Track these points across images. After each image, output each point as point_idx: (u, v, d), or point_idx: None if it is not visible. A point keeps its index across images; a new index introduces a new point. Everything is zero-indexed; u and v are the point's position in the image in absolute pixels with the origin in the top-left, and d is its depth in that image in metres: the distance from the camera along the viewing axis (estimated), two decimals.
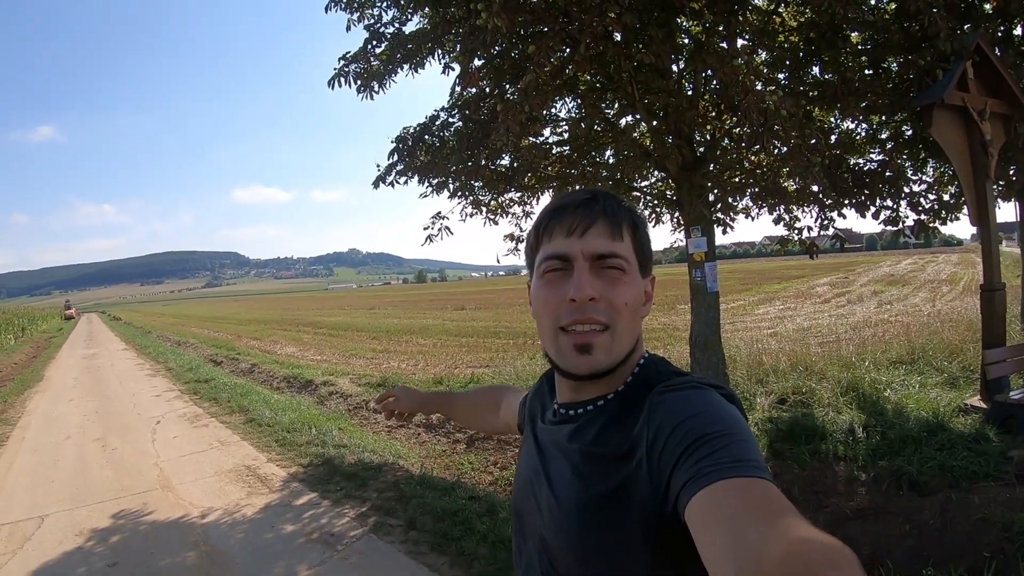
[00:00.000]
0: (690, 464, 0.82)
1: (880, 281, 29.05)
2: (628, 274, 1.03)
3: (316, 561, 4.72)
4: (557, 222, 1.05)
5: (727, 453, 0.81)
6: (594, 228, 1.02)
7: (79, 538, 5.47)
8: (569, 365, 1.02)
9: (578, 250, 1.01)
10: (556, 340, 1.03)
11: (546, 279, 1.04)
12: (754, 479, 0.78)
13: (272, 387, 13.03)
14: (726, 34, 5.04)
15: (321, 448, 7.69)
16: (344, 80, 6.06)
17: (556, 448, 1.09)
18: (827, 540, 0.65)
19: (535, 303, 1.07)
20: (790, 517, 0.70)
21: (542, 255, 1.06)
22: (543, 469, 1.09)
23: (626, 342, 1.03)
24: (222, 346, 22.08)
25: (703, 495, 0.77)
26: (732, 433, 0.85)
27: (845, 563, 0.62)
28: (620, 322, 1.01)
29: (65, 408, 12.22)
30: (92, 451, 8.53)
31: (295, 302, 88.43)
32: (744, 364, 8.12)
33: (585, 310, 0.99)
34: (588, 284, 0.99)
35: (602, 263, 1.02)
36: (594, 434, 1.03)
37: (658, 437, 0.90)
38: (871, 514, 4.42)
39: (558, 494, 1.02)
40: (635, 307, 1.04)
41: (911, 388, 6.54)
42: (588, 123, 6.19)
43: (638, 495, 0.90)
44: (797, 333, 11.71)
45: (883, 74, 5.84)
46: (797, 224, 7.34)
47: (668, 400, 0.94)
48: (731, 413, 0.91)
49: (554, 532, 1.01)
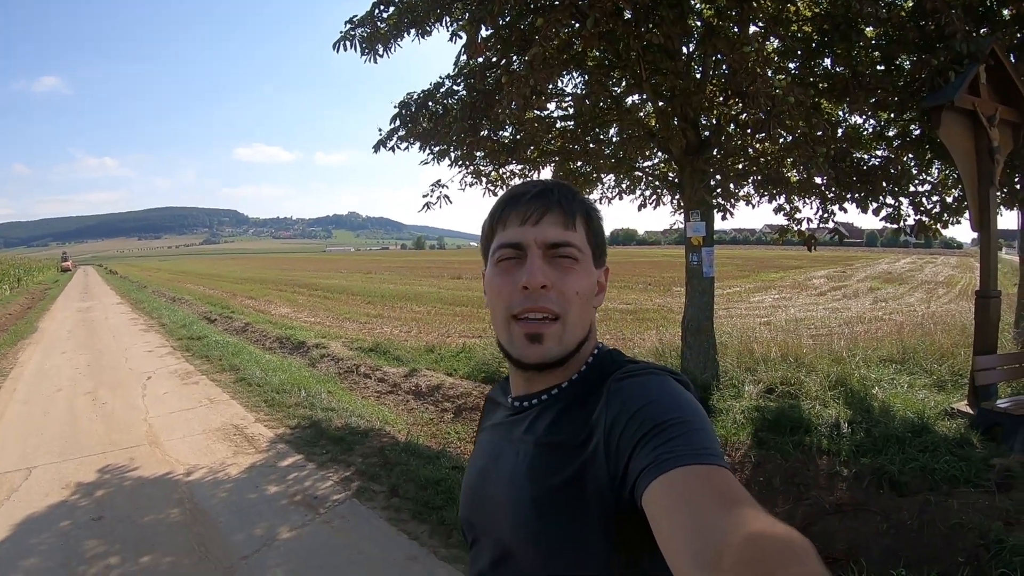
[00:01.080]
0: (648, 450, 0.82)
1: (877, 278, 29.11)
2: (581, 263, 1.04)
3: (298, 523, 4.75)
4: (512, 211, 1.05)
5: (685, 440, 0.81)
6: (548, 217, 1.03)
7: (65, 491, 5.49)
8: (520, 354, 1.02)
9: (531, 238, 1.02)
10: (508, 328, 1.03)
11: (500, 267, 1.05)
12: (712, 467, 0.78)
13: (264, 347, 13.07)
14: (739, 19, 4.99)
15: (309, 411, 7.72)
16: (350, 43, 6.01)
17: (509, 442, 1.08)
18: (785, 531, 0.65)
19: (488, 291, 1.07)
20: (748, 507, 0.71)
21: (496, 243, 1.06)
22: (496, 467, 1.08)
23: (578, 331, 1.03)
24: (217, 304, 22.13)
25: (661, 482, 0.77)
26: (690, 421, 0.85)
27: (804, 554, 0.62)
28: (571, 311, 1.01)
29: (58, 360, 12.23)
30: (82, 404, 8.56)
31: (292, 263, 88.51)
32: (735, 351, 8.13)
33: (537, 299, 1.00)
34: (541, 272, 0.99)
35: (555, 252, 1.02)
36: (548, 423, 1.02)
37: (615, 423, 0.90)
38: (850, 510, 4.45)
39: (513, 488, 1.00)
40: (587, 297, 1.04)
41: (899, 387, 6.55)
42: (593, 99, 6.16)
43: (594, 483, 0.90)
44: (790, 324, 11.73)
45: (895, 71, 5.79)
46: (797, 215, 7.32)
47: (625, 387, 0.95)
48: (688, 400, 0.91)
49: (511, 529, 0.99)
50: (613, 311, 16.70)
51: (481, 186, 8.21)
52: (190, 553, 4.33)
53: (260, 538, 4.52)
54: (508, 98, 4.81)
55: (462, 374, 9.18)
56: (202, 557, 4.28)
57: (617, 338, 11.95)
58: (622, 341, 11.29)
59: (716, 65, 5.74)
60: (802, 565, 0.61)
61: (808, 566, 0.61)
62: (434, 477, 5.31)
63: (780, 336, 9.05)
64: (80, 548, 4.45)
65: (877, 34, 5.69)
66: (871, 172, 6.55)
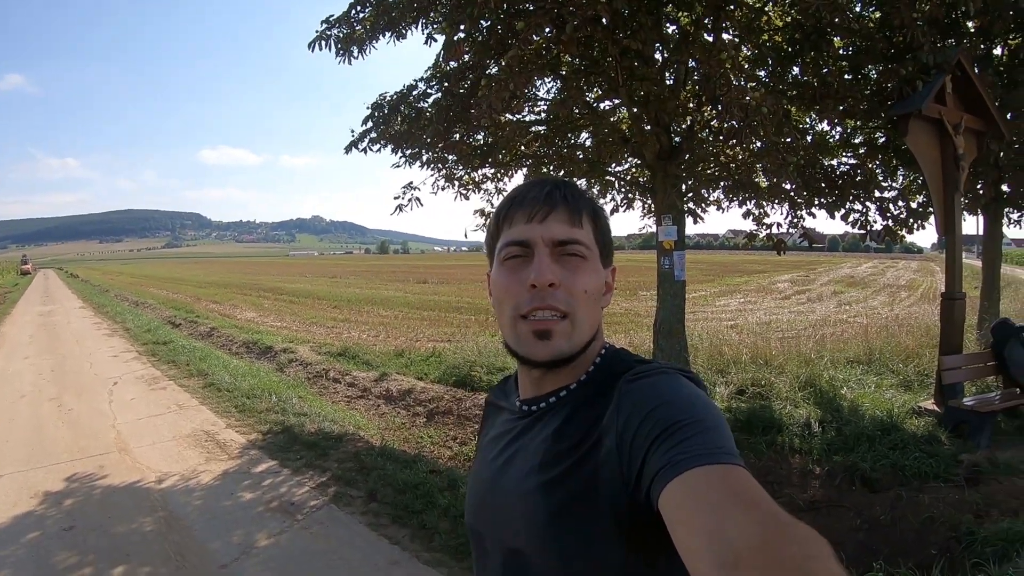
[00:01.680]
0: (663, 452, 0.81)
1: (840, 282, 29.59)
2: (588, 261, 1.03)
3: (276, 530, 4.70)
4: (518, 209, 1.05)
5: (700, 440, 0.81)
6: (555, 214, 1.02)
7: (33, 500, 5.35)
8: (528, 352, 1.01)
9: (538, 236, 1.01)
10: (515, 327, 1.02)
11: (506, 266, 1.04)
12: (729, 466, 0.77)
13: (231, 352, 12.92)
14: (713, 27, 5.07)
15: (281, 416, 7.64)
16: (325, 43, 5.98)
17: (519, 448, 1.07)
18: (806, 531, 0.66)
19: (495, 290, 1.06)
20: (766, 507, 0.70)
21: (503, 241, 1.05)
22: (506, 474, 1.06)
23: (586, 330, 1.02)
24: (181, 308, 21.78)
25: (677, 483, 0.77)
26: (704, 420, 0.84)
27: (822, 554, 0.63)
28: (579, 309, 1.00)
29: (20, 366, 11.96)
30: (48, 411, 8.37)
31: (256, 267, 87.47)
32: (706, 353, 8.23)
33: (544, 297, 0.99)
34: (548, 269, 0.99)
35: (562, 249, 1.01)
36: (558, 427, 1.01)
37: (629, 425, 0.89)
38: (824, 507, 4.55)
39: (526, 495, 0.98)
40: (595, 295, 1.04)
41: (867, 387, 6.70)
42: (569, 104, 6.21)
43: (609, 486, 0.89)
44: (758, 327, 11.89)
45: (863, 80, 5.92)
46: (766, 220, 7.44)
47: (637, 388, 0.93)
48: (702, 399, 0.90)
49: (525, 535, 0.97)
50: None
51: (453, 189, 8.22)
52: (167, 562, 4.25)
53: (238, 546, 4.46)
54: (487, 102, 4.82)
55: (433, 378, 9.17)
56: (180, 566, 4.20)
57: None
58: None
59: (690, 72, 5.81)
60: (821, 566, 0.61)
61: (827, 567, 0.61)
62: (412, 481, 5.28)
63: (749, 339, 9.19)
64: (52, 560, 4.34)
65: (846, 44, 5.81)
66: (839, 178, 6.69)
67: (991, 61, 7.14)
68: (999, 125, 6.15)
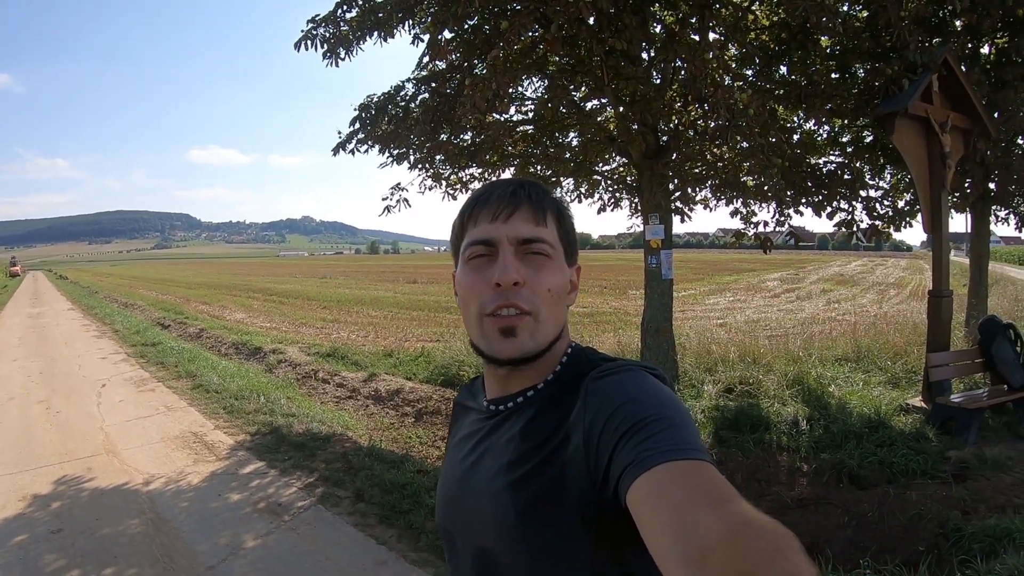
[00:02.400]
0: (630, 448, 0.82)
1: (830, 280, 29.69)
2: (553, 260, 1.04)
3: (263, 531, 4.69)
4: (482, 208, 1.05)
5: (668, 436, 0.81)
6: (519, 213, 1.02)
7: (21, 503, 5.34)
8: (494, 349, 1.01)
9: (503, 234, 1.01)
10: (481, 326, 1.02)
11: (471, 265, 1.04)
12: (696, 462, 0.77)
13: (220, 353, 12.88)
14: (699, 26, 5.07)
15: (269, 416, 7.62)
16: (311, 43, 5.96)
17: (487, 447, 1.07)
18: (772, 525, 0.66)
19: (460, 290, 1.06)
20: (734, 501, 0.70)
21: (467, 241, 1.06)
22: (474, 474, 1.06)
23: (551, 328, 1.03)
24: (170, 309, 21.72)
25: (645, 479, 0.77)
26: (670, 417, 0.85)
27: (790, 549, 0.62)
28: (544, 308, 1.01)
29: (8, 368, 11.90)
30: (36, 413, 8.33)
31: (246, 267, 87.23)
32: (694, 352, 8.25)
33: (509, 295, 0.99)
34: (513, 268, 0.99)
35: (527, 248, 1.02)
36: (525, 426, 1.01)
37: (595, 422, 0.89)
38: (812, 504, 4.56)
39: (494, 494, 0.99)
40: (560, 294, 1.04)
41: (855, 385, 6.72)
42: (555, 104, 6.20)
43: (576, 483, 0.90)
44: (746, 325, 11.94)
45: (849, 79, 5.94)
46: (754, 218, 7.45)
47: (604, 385, 0.94)
48: (668, 396, 0.91)
49: (494, 534, 0.98)
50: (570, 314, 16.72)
51: (441, 189, 8.21)
52: (154, 564, 4.24)
53: (226, 547, 4.44)
54: (470, 101, 4.81)
55: (421, 378, 9.17)
56: (167, 568, 4.19)
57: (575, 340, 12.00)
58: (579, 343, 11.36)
59: (676, 71, 5.82)
60: (788, 561, 0.61)
61: (794, 562, 0.61)
62: (399, 481, 5.28)
63: (737, 337, 9.21)
64: (39, 563, 4.32)
65: (832, 43, 5.83)
66: (826, 177, 6.70)
67: (978, 60, 7.16)
68: (986, 123, 6.19)
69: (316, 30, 5.96)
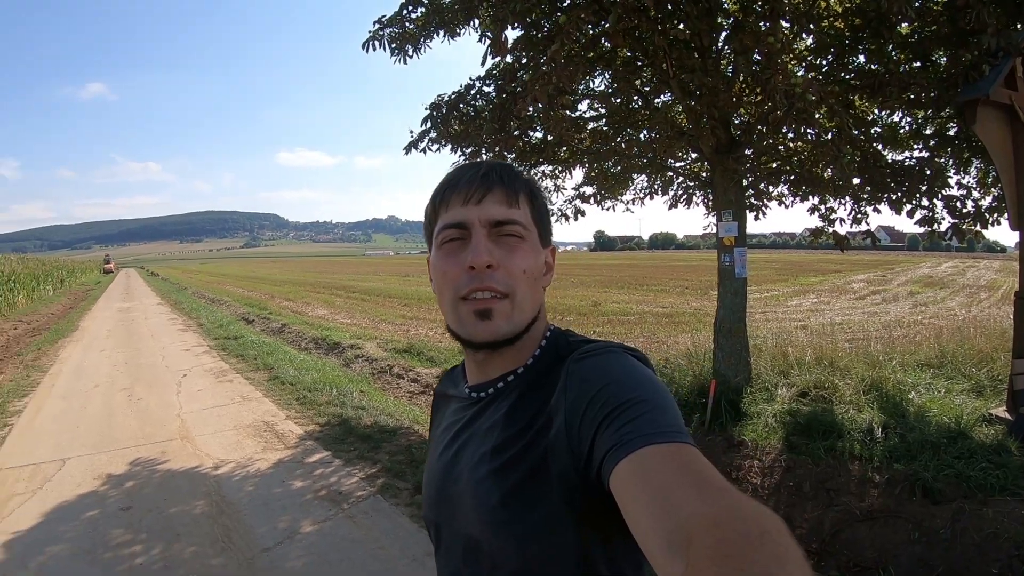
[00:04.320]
0: (612, 431, 0.81)
1: (918, 282, 28.48)
2: (527, 241, 1.03)
3: (321, 517, 4.81)
4: (454, 191, 1.04)
5: (650, 419, 0.80)
6: (491, 195, 1.02)
7: (96, 482, 5.65)
8: (470, 333, 1.01)
9: (475, 217, 1.01)
10: (456, 310, 1.01)
11: (444, 249, 1.04)
12: (680, 444, 0.77)
13: (300, 347, 13.24)
14: (767, 14, 4.89)
15: (340, 409, 7.81)
16: (379, 43, 6.04)
17: (469, 435, 1.07)
18: (758, 509, 0.64)
19: (434, 275, 1.06)
20: (717, 485, 0.70)
21: (440, 225, 1.05)
22: (457, 463, 1.06)
23: (527, 310, 1.02)
24: (255, 305, 22.44)
25: (628, 462, 0.76)
26: (653, 399, 0.84)
27: (777, 532, 0.60)
28: (519, 290, 1.00)
29: (96, 358, 12.54)
30: (118, 400, 8.76)
31: (331, 266, 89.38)
32: (769, 354, 8.00)
33: (483, 278, 0.98)
34: (486, 250, 0.98)
35: (500, 230, 1.01)
36: (507, 411, 1.01)
37: (577, 404, 0.89)
38: (881, 517, 4.35)
39: (477, 482, 0.99)
40: (535, 275, 1.04)
41: (936, 392, 6.39)
42: (620, 97, 6.10)
43: (559, 467, 0.89)
44: (827, 328, 11.54)
45: (929, 67, 5.64)
46: (832, 216, 7.18)
47: (585, 367, 0.94)
48: (649, 378, 0.90)
49: (479, 522, 0.97)
50: (648, 314, 16.60)
51: None
52: (214, 543, 4.42)
53: (284, 531, 4.59)
54: (531, 96, 4.79)
55: None
56: (225, 547, 4.36)
57: (650, 340, 11.87)
58: (656, 343, 11.23)
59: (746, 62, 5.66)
60: (775, 544, 0.59)
61: (781, 544, 0.59)
62: None
63: (816, 340, 8.90)
64: (106, 536, 4.57)
65: (910, 30, 5.55)
66: (904, 172, 6.39)
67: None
68: None
69: (383, 31, 6.03)
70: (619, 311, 17.58)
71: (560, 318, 16.04)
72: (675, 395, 6.52)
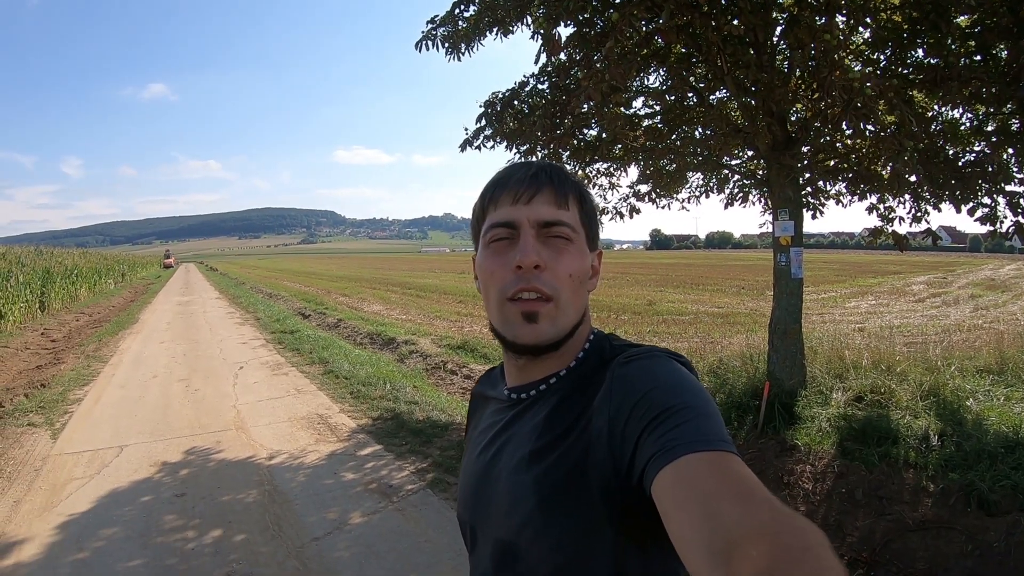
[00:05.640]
0: (656, 436, 0.81)
1: (979, 285, 27.48)
2: (574, 243, 1.03)
3: (370, 509, 4.90)
4: (503, 191, 1.04)
5: (694, 426, 0.80)
6: (540, 196, 1.01)
7: (152, 469, 5.85)
8: (514, 334, 1.00)
9: (524, 216, 1.00)
10: (502, 310, 1.01)
11: (492, 248, 1.03)
12: (724, 453, 0.76)
13: (355, 342, 13.45)
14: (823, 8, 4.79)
15: (393, 403, 7.92)
16: (432, 43, 6.08)
17: (508, 437, 1.06)
18: (802, 522, 0.64)
19: (481, 273, 1.06)
20: (760, 495, 0.69)
21: (488, 223, 1.05)
22: (496, 465, 1.05)
23: (571, 314, 1.01)
24: (311, 300, 22.81)
25: (671, 469, 0.76)
26: (698, 406, 0.83)
27: (820, 547, 0.60)
28: (564, 293, 0.99)
29: (155, 349, 12.93)
30: (176, 390, 9.03)
31: (387, 262, 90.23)
32: (824, 357, 7.84)
33: (530, 279, 0.98)
34: (534, 251, 0.98)
35: (548, 231, 1.01)
36: (548, 414, 1.00)
37: (621, 409, 0.88)
38: (934, 528, 4.24)
39: (516, 485, 0.98)
40: (581, 279, 1.03)
41: (995, 400, 6.18)
42: (674, 94, 6.04)
43: (599, 472, 0.88)
44: (885, 330, 11.26)
45: (991, 60, 5.44)
46: (892, 215, 7.00)
47: (630, 371, 0.93)
48: (694, 384, 0.89)
49: (515, 528, 0.96)
50: (703, 314, 16.40)
51: None
52: (264, 531, 4.54)
53: (332, 521, 4.69)
54: (584, 93, 4.79)
55: None
56: (275, 535, 4.48)
57: (705, 341, 11.73)
58: (710, 344, 11.09)
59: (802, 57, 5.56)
60: (817, 560, 0.59)
61: (823, 558, 0.59)
62: None
63: (873, 343, 8.70)
64: (159, 521, 4.73)
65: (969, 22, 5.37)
66: (965, 168, 6.18)
67: None
68: None
69: (435, 30, 6.07)
70: (674, 310, 17.39)
71: (615, 317, 15.94)
72: (728, 396, 6.48)
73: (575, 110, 5.28)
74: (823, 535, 0.62)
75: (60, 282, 23.17)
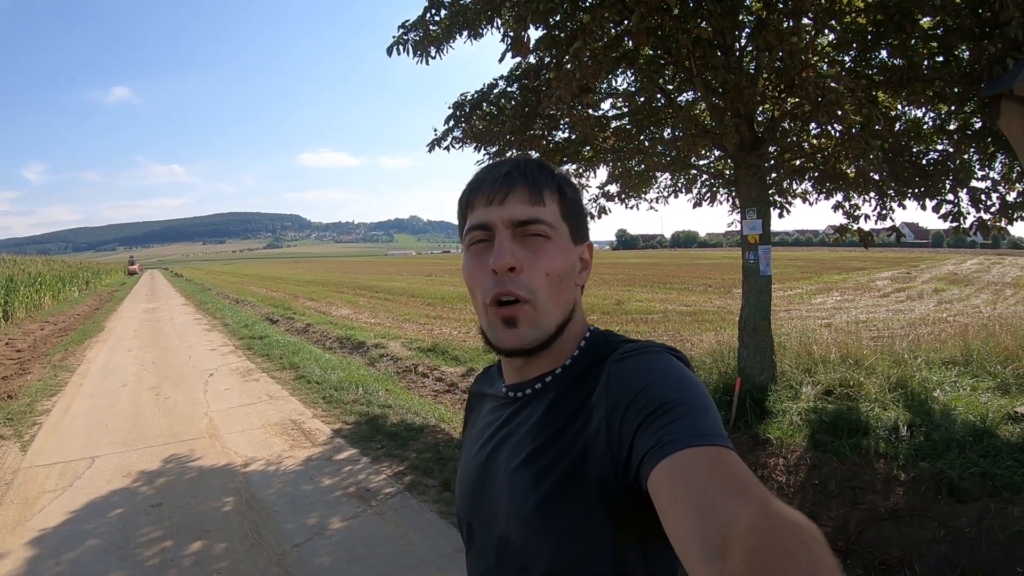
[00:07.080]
0: (652, 432, 0.81)
1: (942, 279, 28.05)
2: (554, 240, 1.01)
3: (349, 514, 4.87)
4: (478, 193, 1.04)
5: (690, 421, 0.80)
6: (513, 195, 1.01)
7: (127, 479, 5.76)
8: (497, 339, 1.01)
9: (497, 218, 1.00)
10: (486, 314, 1.01)
11: (472, 251, 1.04)
12: (720, 448, 0.77)
13: (325, 347, 13.33)
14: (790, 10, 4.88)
15: (366, 407, 7.88)
16: (403, 48, 6.07)
17: (507, 435, 1.06)
18: (796, 517, 0.65)
19: (465, 277, 1.05)
20: (755, 490, 0.70)
21: (466, 227, 1.05)
22: (494, 462, 1.05)
23: (552, 313, 1.00)
24: (279, 305, 22.57)
25: (666, 464, 0.76)
26: (694, 401, 0.84)
27: (814, 541, 0.61)
28: (541, 294, 0.99)
29: (123, 358, 12.73)
30: (146, 399, 8.89)
31: (354, 266, 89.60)
32: (793, 352, 7.96)
33: (506, 282, 0.97)
34: (508, 252, 0.97)
35: (524, 230, 1.00)
36: (545, 411, 1.00)
37: (618, 404, 0.88)
38: (906, 515, 4.33)
39: (514, 482, 0.97)
40: (562, 276, 1.01)
41: (961, 390, 6.33)
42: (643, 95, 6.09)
43: (597, 468, 0.89)
44: (851, 325, 11.44)
45: (953, 61, 5.58)
46: (856, 212, 7.13)
47: (626, 367, 0.93)
48: (691, 380, 0.89)
49: (515, 523, 0.96)
50: (672, 312, 16.52)
51: None
52: (243, 539, 4.50)
53: (312, 527, 4.66)
54: (556, 94, 4.82)
55: None
56: (254, 543, 4.43)
57: (675, 339, 11.82)
58: (679, 341, 11.18)
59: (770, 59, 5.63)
60: (812, 554, 0.60)
61: (817, 554, 0.60)
62: None
63: (840, 338, 8.84)
64: (137, 532, 4.66)
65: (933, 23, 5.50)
66: (929, 167, 6.33)
67: None
68: None
69: (407, 35, 6.06)
70: (642, 309, 17.50)
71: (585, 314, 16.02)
72: None
73: (545, 111, 5.31)
74: (817, 530, 0.63)
75: (24, 291, 22.71)
